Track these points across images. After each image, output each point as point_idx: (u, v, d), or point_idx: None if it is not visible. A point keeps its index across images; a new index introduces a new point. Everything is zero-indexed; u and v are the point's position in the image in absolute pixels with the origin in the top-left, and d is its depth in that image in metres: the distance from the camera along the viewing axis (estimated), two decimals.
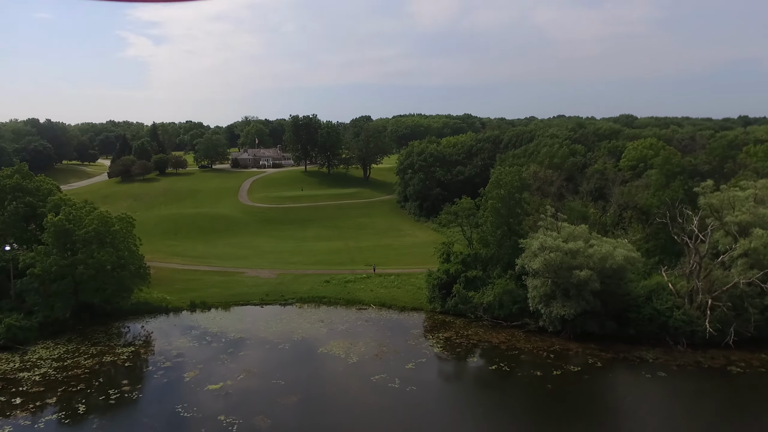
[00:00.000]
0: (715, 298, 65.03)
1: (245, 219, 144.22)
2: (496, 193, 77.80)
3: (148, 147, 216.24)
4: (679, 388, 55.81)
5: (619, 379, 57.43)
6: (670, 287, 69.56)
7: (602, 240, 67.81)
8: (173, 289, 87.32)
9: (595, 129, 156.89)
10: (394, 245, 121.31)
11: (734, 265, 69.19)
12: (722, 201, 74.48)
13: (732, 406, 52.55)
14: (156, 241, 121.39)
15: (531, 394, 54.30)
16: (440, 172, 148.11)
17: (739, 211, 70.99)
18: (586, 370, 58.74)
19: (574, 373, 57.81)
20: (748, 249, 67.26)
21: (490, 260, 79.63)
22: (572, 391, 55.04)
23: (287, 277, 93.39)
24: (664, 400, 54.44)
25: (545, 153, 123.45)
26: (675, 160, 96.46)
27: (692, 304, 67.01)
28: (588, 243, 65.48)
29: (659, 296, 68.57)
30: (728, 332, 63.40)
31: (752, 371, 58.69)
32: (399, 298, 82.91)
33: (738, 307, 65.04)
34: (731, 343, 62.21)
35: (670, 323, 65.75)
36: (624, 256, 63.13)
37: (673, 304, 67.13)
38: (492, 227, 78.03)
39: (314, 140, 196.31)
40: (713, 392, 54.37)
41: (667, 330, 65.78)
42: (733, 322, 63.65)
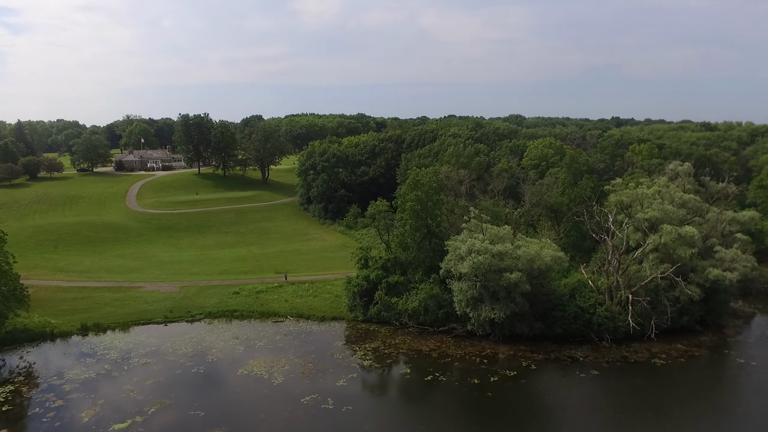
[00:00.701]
0: (634, 293, 66.51)
1: (136, 227, 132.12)
2: (414, 195, 75.17)
3: (14, 148, 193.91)
4: (612, 385, 55.90)
5: (555, 380, 56.57)
6: (591, 284, 70.47)
7: (528, 241, 67.23)
8: (58, 310, 76.74)
9: (494, 129, 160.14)
10: (302, 250, 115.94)
11: (645, 260, 71.49)
12: (632, 198, 76.74)
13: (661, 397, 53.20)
14: (32, 256, 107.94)
15: (472, 404, 51.89)
16: (344, 173, 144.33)
17: (649, 207, 73.30)
18: (522, 373, 57.47)
19: (511, 378, 56.30)
20: (659, 244, 69.52)
21: (411, 264, 76.97)
22: (512, 397, 53.38)
23: (191, 290, 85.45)
24: (600, 397, 54.38)
25: (451, 152, 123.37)
26: (581, 159, 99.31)
27: (613, 300, 68.16)
28: (514, 244, 64.45)
29: (581, 294, 69.20)
30: (648, 326, 65.21)
31: (673, 362, 60.44)
32: (317, 308, 78.10)
33: (654, 300, 67.08)
34: (653, 336, 63.88)
35: (594, 320, 66.47)
36: (552, 257, 62.75)
37: (595, 301, 67.94)
38: (411, 230, 75.34)
39: (207, 140, 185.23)
40: (644, 386, 54.81)
41: (591, 327, 66.45)
42: (653, 315, 65.45)
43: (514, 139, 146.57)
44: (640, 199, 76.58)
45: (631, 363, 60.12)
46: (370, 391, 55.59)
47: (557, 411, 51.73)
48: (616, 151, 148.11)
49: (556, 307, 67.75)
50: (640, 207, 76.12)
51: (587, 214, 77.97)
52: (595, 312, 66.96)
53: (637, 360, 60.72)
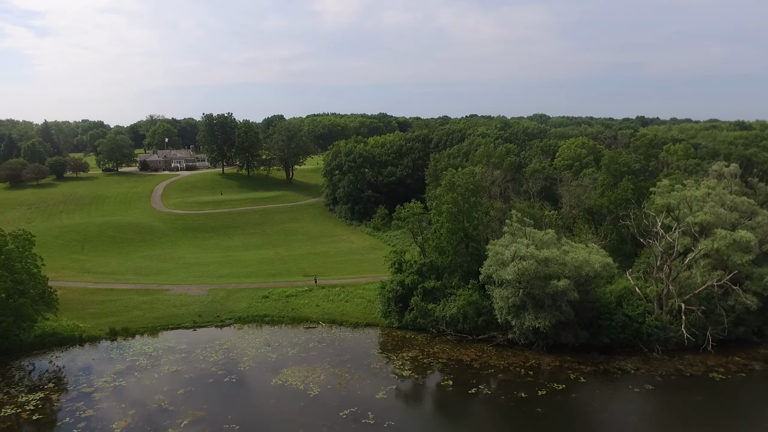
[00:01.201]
0: (686, 301, 62.86)
1: (162, 227, 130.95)
2: (450, 197, 72.24)
3: (41, 148, 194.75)
4: (669, 401, 52.36)
5: (607, 395, 53.30)
6: (638, 292, 66.97)
7: (573, 246, 63.90)
8: (86, 314, 75.19)
9: (523, 128, 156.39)
10: (330, 252, 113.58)
11: (696, 266, 67.67)
12: (679, 200, 72.98)
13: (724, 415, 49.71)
14: (60, 257, 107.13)
15: (521, 421, 48.87)
16: (370, 173, 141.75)
17: (699, 211, 69.52)
18: (571, 387, 54.26)
19: (560, 392, 53.10)
20: (712, 249, 65.71)
21: (447, 269, 74.04)
22: (563, 413, 50.19)
23: (220, 294, 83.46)
24: (658, 415, 50.77)
25: (482, 152, 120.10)
26: (621, 160, 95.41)
27: (663, 308, 64.56)
28: (561, 249, 61.20)
29: (629, 302, 65.76)
30: (702, 336, 61.44)
31: (732, 376, 56.63)
32: (349, 313, 75.56)
33: (707, 310, 63.32)
34: (710, 348, 60.21)
35: (643, 330, 63.01)
36: (601, 263, 59.40)
37: (644, 310, 64.44)
38: (448, 233, 72.38)
39: (231, 140, 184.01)
40: (704, 403, 51.33)
41: (641, 337, 63.00)
42: (708, 326, 61.71)
43: (544, 138, 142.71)
44: (688, 202, 72.82)
45: (687, 377, 56.52)
46: (411, 405, 52.81)
47: (608, 428, 48.50)
48: (649, 151, 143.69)
49: (603, 315, 64.39)
50: (689, 210, 72.40)
51: (627, 217, 74.37)
52: (644, 321, 63.49)
53: (693, 374, 57.09)
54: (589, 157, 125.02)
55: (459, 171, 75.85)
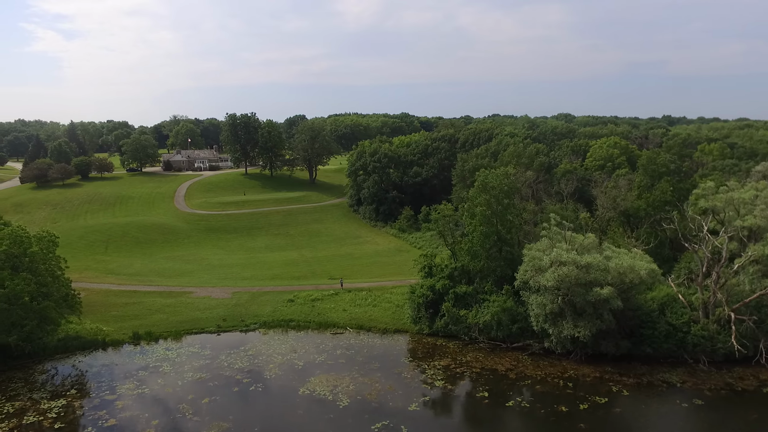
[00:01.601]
0: (736, 310, 59.25)
1: (185, 228, 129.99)
2: (483, 199, 69.40)
3: (67, 148, 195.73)
4: (722, 419, 49.02)
5: (653, 410, 50.06)
6: (681, 299, 63.49)
7: (615, 251, 60.66)
8: (109, 316, 73.91)
9: (551, 128, 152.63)
10: (355, 254, 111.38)
11: (744, 273, 63.96)
12: (725, 203, 69.32)
13: None
14: (83, 257, 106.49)
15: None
16: (395, 173, 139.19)
17: (749, 214, 65.84)
18: (614, 400, 51.18)
19: (603, 406, 50.07)
20: (762, 255, 62.05)
21: (479, 273, 71.24)
22: (608, 430, 47.25)
23: (244, 297, 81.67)
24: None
25: (511, 152, 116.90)
26: (660, 160, 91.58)
27: (709, 317, 61.02)
28: (604, 255, 58.06)
29: (672, 310, 62.34)
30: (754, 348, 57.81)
31: None
32: (377, 319, 73.16)
33: (759, 320, 59.61)
34: (764, 361, 56.60)
35: (689, 340, 59.56)
36: (647, 270, 56.10)
37: (689, 319, 60.97)
38: (481, 237, 69.54)
39: (254, 140, 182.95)
40: (760, 422, 47.91)
41: (685, 347, 59.57)
42: (760, 337, 58.06)
43: (574, 138, 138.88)
44: (735, 205, 69.16)
45: (739, 392, 53.02)
46: (446, 418, 50.17)
47: None
48: (683, 151, 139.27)
49: (645, 324, 61.12)
50: (735, 213, 68.76)
51: (671, 220, 70.89)
52: (689, 330, 60.02)
53: (745, 388, 53.56)
54: (622, 158, 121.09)
55: (492, 172, 72.97)
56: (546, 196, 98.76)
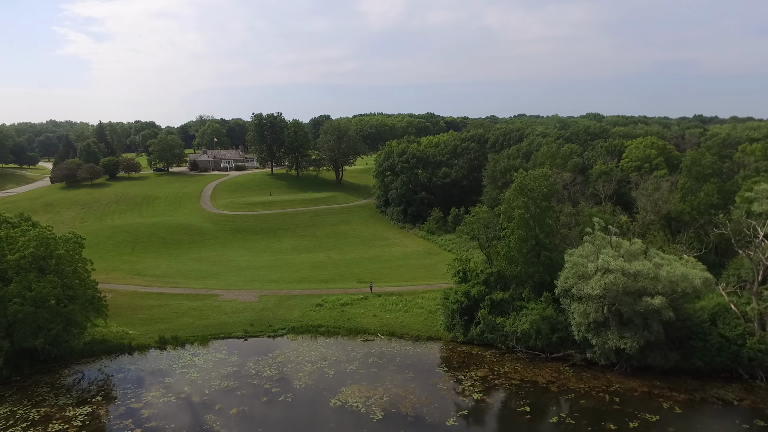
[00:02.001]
0: None
1: (212, 228, 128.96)
2: (521, 202, 66.34)
3: (96, 149, 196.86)
4: None
5: (710, 431, 46.65)
6: (734, 309, 59.68)
7: (666, 258, 57.18)
8: (136, 319, 72.58)
9: (584, 128, 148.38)
10: (383, 257, 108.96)
11: None
12: None
13: None
14: (111, 257, 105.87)
15: None
16: (424, 174, 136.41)
17: None
18: (666, 418, 47.82)
19: (655, 425, 46.76)
20: None
21: (516, 279, 68.20)
22: None
23: (271, 300, 79.77)
24: None
25: (544, 153, 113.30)
26: (705, 161, 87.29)
27: (766, 329, 57.17)
28: (653, 262, 54.65)
29: (724, 320, 58.47)
30: None
31: None
32: (409, 325, 70.57)
33: None
34: None
35: (743, 353, 55.69)
36: (702, 279, 52.56)
37: (744, 330, 57.17)
38: (518, 241, 66.49)
39: (280, 140, 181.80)
40: None
41: (740, 361, 55.74)
42: None
43: (608, 138, 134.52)
44: None
45: None
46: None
47: None
48: (723, 152, 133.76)
49: (695, 335, 57.40)
50: None
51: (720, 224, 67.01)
52: (744, 343, 56.15)
53: None
54: (659, 158, 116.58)
55: (530, 173, 69.83)
56: (582, 198, 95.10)
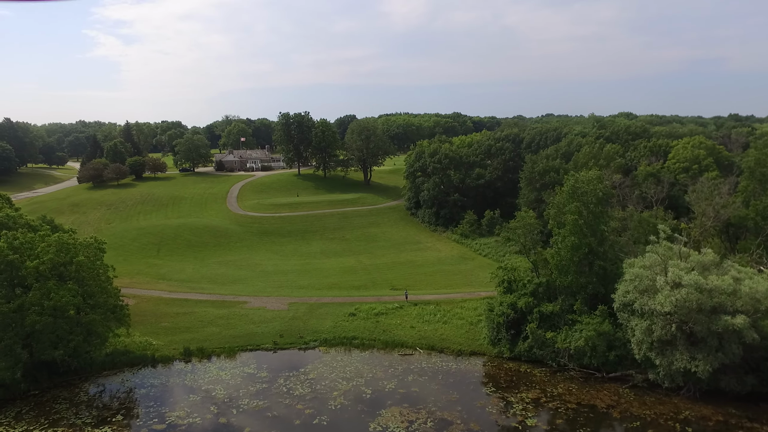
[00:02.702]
0: None
1: (238, 231, 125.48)
2: (574, 206, 60.94)
3: (122, 148, 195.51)
4: None
5: None
6: None
7: (742, 270, 51.40)
8: (160, 328, 68.87)
9: (624, 127, 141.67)
10: (416, 261, 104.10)
11: None
12: None
13: None
14: (136, 260, 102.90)
15: None
16: (457, 175, 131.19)
17: None
18: None
19: None
20: None
21: (566, 290, 62.85)
22: None
23: (301, 309, 75.51)
24: None
25: (586, 153, 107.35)
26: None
27: None
28: (729, 275, 48.94)
29: None
30: None
31: None
32: (450, 338, 65.65)
33: None
34: None
35: None
36: None
37: None
38: (570, 249, 61.11)
39: (307, 140, 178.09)
40: None
41: None
42: None
43: (651, 138, 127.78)
44: None
45: None
46: None
47: None
48: None
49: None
50: None
51: None
52: None
53: None
54: (709, 159, 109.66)
55: (582, 175, 64.32)
56: (629, 202, 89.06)
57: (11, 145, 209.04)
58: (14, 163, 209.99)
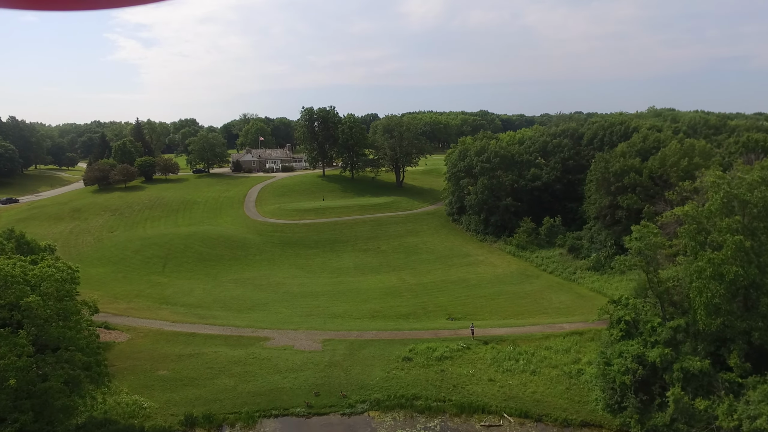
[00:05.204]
0: None
1: (257, 241, 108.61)
2: (736, 221, 43.06)
3: (131, 148, 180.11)
4: None
5: None
6: None
7: None
8: (156, 378, 52.10)
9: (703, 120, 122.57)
10: (470, 280, 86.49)
11: None
12: None
13: None
14: (137, 277, 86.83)
15: None
16: (509, 176, 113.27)
17: None
18: None
19: None
20: None
21: (710, 337, 45.05)
22: None
23: (339, 349, 58.38)
24: None
25: (675, 150, 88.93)
26: None
27: None
28: None
29: None
30: None
31: None
32: (547, 400, 47.97)
33: None
34: None
35: None
36: None
37: None
38: (725, 281, 43.16)
39: (333, 137, 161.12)
40: None
41: None
42: None
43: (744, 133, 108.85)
44: None
45: None
46: None
47: None
48: None
49: None
50: None
51: None
52: None
53: None
54: None
55: (738, 176, 46.37)
56: None
57: (16, 145, 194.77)
58: (18, 164, 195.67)
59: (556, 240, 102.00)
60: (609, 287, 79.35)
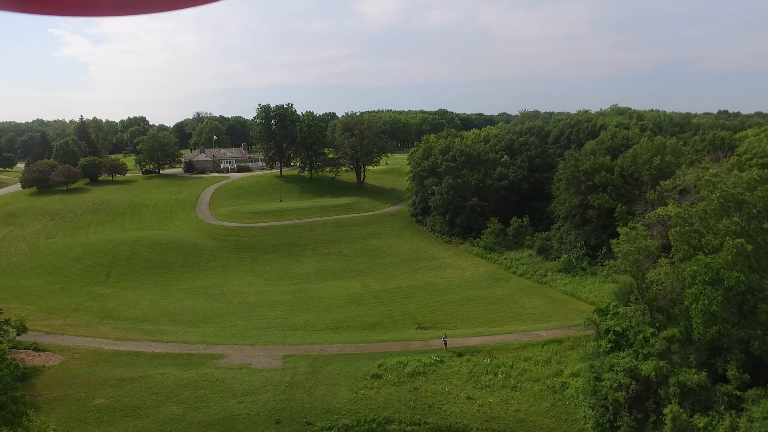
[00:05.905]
0: None
1: (211, 246, 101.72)
2: (733, 223, 39.70)
3: (75, 147, 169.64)
4: None
5: None
6: None
7: None
8: (91, 409, 45.62)
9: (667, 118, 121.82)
10: (438, 285, 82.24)
11: None
12: None
13: None
14: (76, 289, 79.46)
15: None
16: (475, 175, 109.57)
17: None
18: None
19: None
20: None
21: (704, 347, 41.72)
22: None
23: (301, 366, 53.02)
24: None
25: (647, 148, 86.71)
26: None
27: None
28: None
29: None
30: None
31: None
32: (531, 419, 43.80)
33: None
34: None
35: None
36: None
37: None
38: (723, 288, 39.79)
39: (291, 136, 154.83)
40: None
41: None
42: None
43: (710, 131, 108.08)
44: None
45: None
46: None
47: None
48: None
49: None
50: None
51: None
52: None
53: None
54: None
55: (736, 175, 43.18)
56: None
57: None
58: None
59: (525, 241, 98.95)
60: (582, 290, 76.44)
